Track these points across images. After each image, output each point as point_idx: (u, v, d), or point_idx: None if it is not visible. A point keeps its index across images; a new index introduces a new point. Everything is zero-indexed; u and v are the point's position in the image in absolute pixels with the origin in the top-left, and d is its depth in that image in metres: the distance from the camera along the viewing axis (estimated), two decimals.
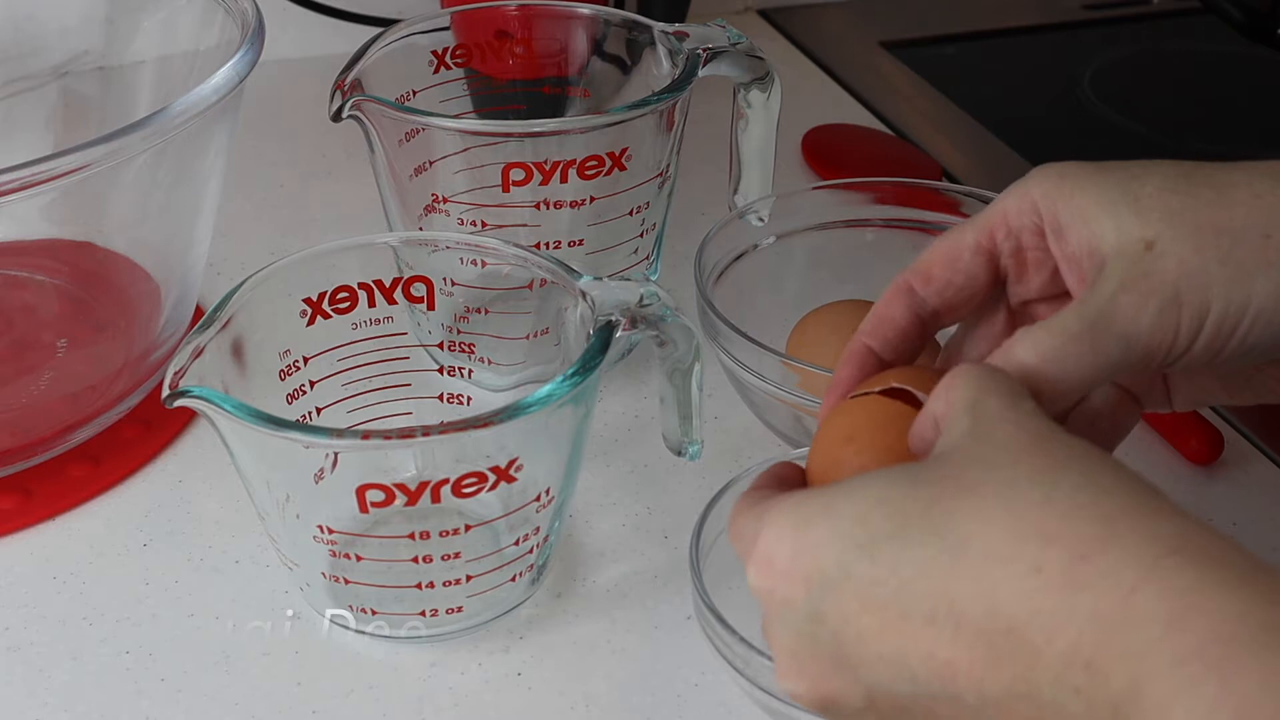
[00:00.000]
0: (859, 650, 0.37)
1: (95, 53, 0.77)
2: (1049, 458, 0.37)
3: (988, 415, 0.39)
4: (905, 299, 0.47)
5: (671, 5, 0.93)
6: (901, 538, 0.36)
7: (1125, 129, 0.96)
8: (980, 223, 0.47)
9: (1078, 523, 0.35)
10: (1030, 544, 0.35)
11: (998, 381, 0.40)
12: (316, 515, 0.53)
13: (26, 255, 0.73)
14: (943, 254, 0.47)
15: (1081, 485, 0.36)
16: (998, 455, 0.37)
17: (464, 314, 0.62)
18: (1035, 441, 0.37)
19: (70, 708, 0.53)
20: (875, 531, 0.37)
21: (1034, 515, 0.35)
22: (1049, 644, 0.34)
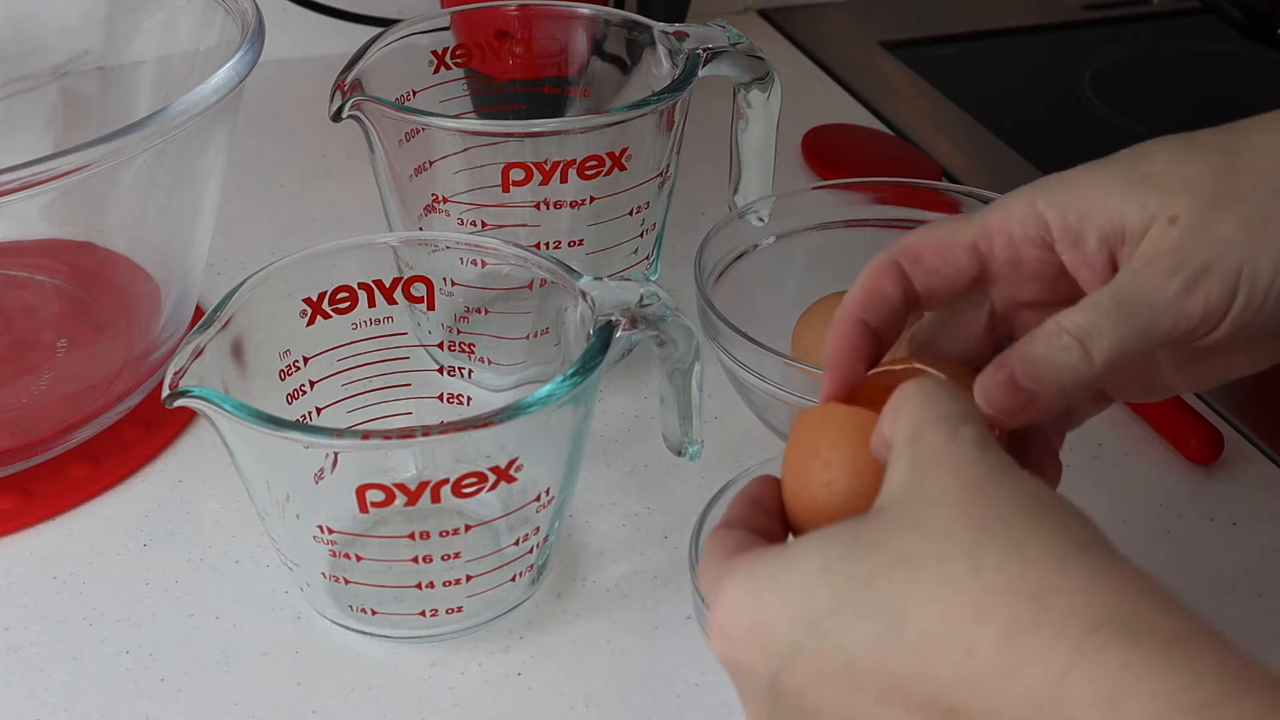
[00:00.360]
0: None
1: (95, 53, 0.77)
2: (978, 522, 0.36)
3: (926, 454, 0.38)
4: (894, 275, 0.46)
5: (671, 5, 0.93)
6: (844, 613, 0.36)
7: (1125, 129, 0.96)
8: (979, 225, 0.46)
9: (1006, 599, 0.34)
10: (963, 624, 0.35)
11: (942, 405, 0.39)
12: (316, 515, 0.53)
13: (26, 255, 0.73)
14: (935, 242, 0.46)
15: (1008, 555, 0.35)
16: (931, 517, 0.37)
17: (464, 314, 0.62)
18: (968, 498, 0.37)
19: (70, 708, 0.53)
20: (820, 606, 0.37)
21: (965, 591, 0.35)
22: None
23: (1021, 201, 0.45)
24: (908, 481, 0.38)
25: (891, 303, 0.46)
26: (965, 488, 0.37)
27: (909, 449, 0.39)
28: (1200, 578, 0.59)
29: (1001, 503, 0.37)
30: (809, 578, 0.37)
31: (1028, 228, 0.45)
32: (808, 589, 0.37)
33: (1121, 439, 0.66)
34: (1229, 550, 0.61)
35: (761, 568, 0.39)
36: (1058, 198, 0.45)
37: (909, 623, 0.35)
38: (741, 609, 0.38)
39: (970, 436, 0.38)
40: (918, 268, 0.46)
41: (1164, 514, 0.63)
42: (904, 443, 0.39)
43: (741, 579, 0.39)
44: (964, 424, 0.39)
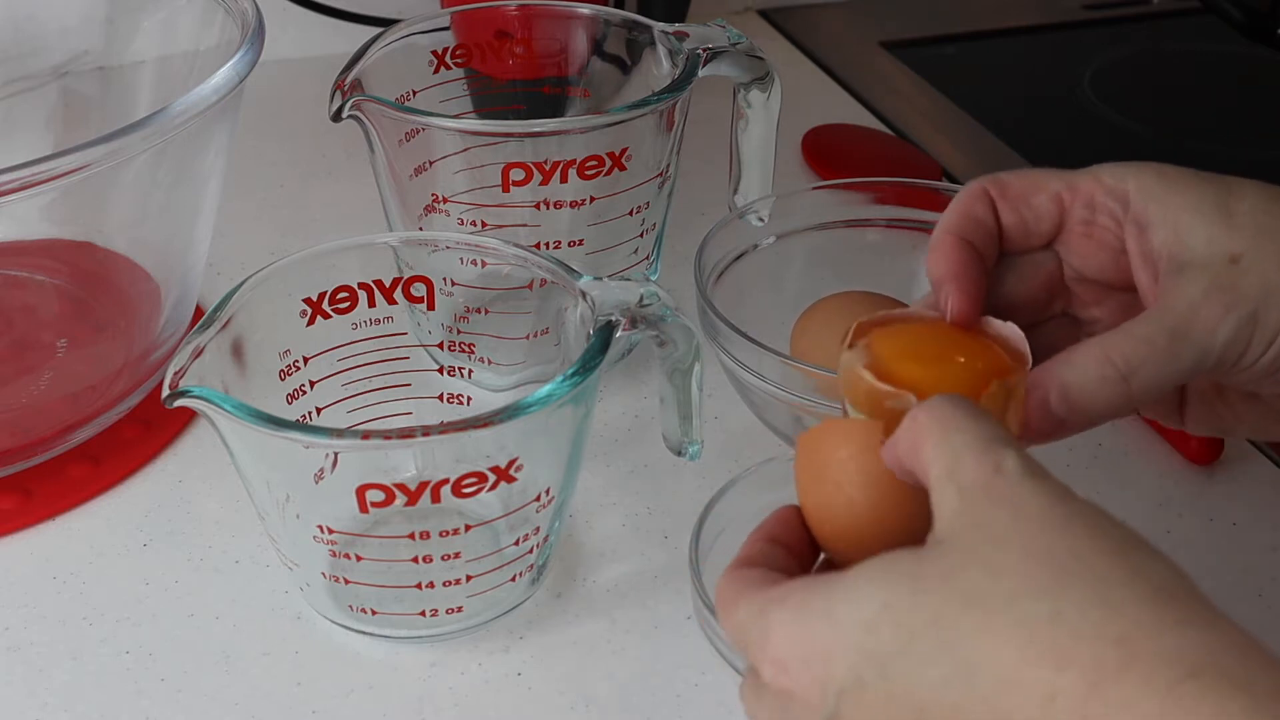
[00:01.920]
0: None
1: (95, 53, 0.77)
2: (1054, 563, 0.35)
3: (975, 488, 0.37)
4: (985, 201, 0.46)
5: (671, 5, 0.93)
6: (912, 655, 0.35)
7: (1125, 129, 0.96)
8: (1068, 180, 0.46)
9: (1091, 644, 0.33)
10: (1043, 669, 0.33)
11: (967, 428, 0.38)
12: (316, 515, 0.53)
13: (26, 255, 0.73)
14: (1023, 182, 0.47)
15: (1090, 598, 0.34)
16: (997, 556, 0.35)
17: (464, 314, 0.62)
18: (1037, 536, 0.35)
19: (70, 708, 0.53)
20: (884, 645, 0.36)
21: (1044, 635, 0.33)
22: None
23: (1115, 175, 0.46)
24: (963, 516, 0.37)
25: (985, 225, 0.46)
26: (1030, 524, 0.36)
27: (950, 482, 0.37)
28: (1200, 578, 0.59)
29: (1075, 541, 0.35)
30: (871, 613, 0.36)
31: (1110, 199, 0.46)
32: (871, 625, 0.36)
33: (1121, 439, 0.66)
34: (1229, 550, 0.61)
35: (817, 600, 0.37)
36: (1149, 185, 0.45)
37: (983, 668, 0.34)
38: (798, 640, 0.37)
39: (1016, 467, 0.37)
40: (1004, 201, 0.46)
41: (1164, 514, 0.63)
42: (943, 475, 0.38)
43: (794, 609, 0.38)
44: (1002, 450, 0.37)
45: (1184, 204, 0.44)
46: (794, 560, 0.42)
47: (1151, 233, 0.45)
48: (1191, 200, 0.44)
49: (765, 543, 0.42)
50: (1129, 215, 0.45)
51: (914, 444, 0.39)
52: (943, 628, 0.35)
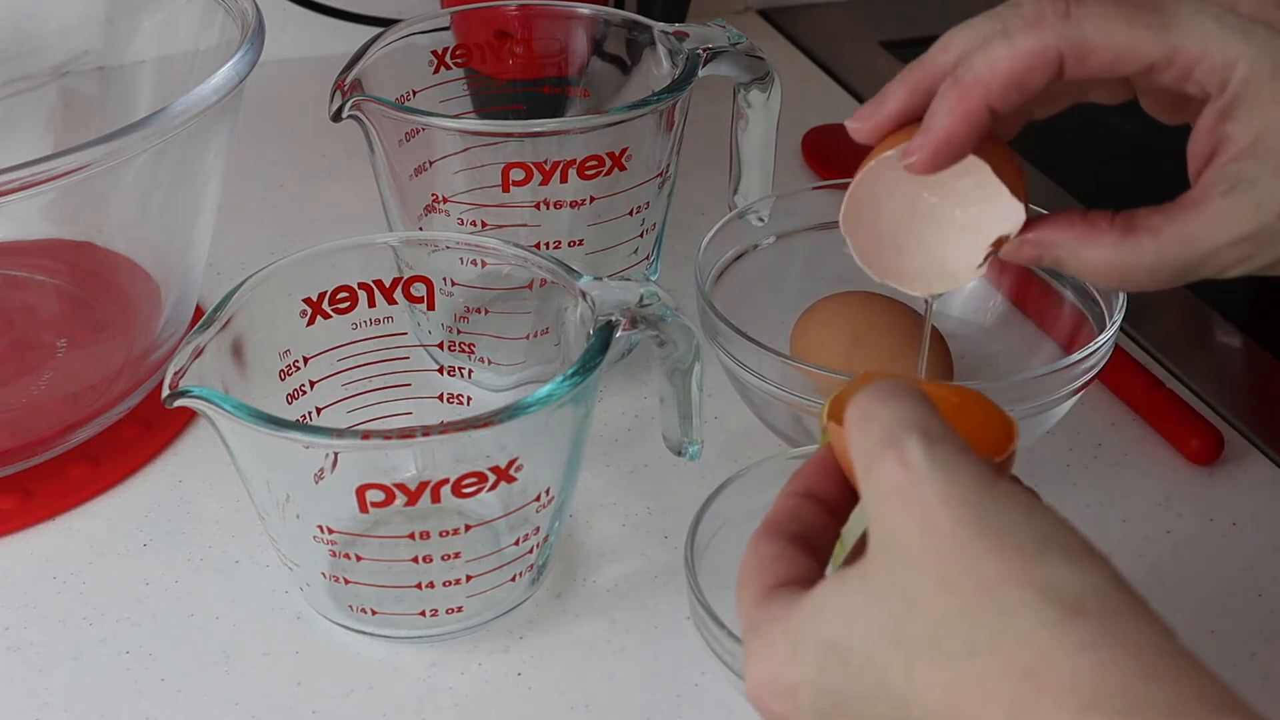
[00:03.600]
0: None
1: (95, 53, 0.77)
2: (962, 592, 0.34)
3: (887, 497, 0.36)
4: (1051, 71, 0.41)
5: (671, 5, 0.93)
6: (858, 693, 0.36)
7: (1125, 129, 0.96)
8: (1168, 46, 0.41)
9: (1004, 681, 0.33)
10: (967, 708, 0.34)
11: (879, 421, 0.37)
12: (316, 515, 0.53)
13: (26, 255, 0.73)
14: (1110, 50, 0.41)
15: (1000, 632, 0.34)
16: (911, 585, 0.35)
17: (464, 314, 0.62)
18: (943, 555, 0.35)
19: (70, 708, 0.53)
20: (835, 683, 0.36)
21: (964, 675, 0.34)
22: None
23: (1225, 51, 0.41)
24: (879, 528, 0.36)
25: (1031, 94, 0.42)
26: (940, 540, 0.35)
27: (867, 485, 0.37)
28: (1200, 578, 0.59)
29: (982, 561, 0.34)
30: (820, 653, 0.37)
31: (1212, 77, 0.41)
32: (822, 664, 0.37)
33: (1121, 439, 0.66)
34: (1229, 550, 0.61)
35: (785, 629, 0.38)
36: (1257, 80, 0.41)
37: (913, 705, 0.35)
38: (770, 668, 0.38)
39: (919, 456, 0.36)
40: (1080, 68, 0.41)
41: (1164, 514, 0.63)
42: (862, 478, 0.37)
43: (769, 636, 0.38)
44: (906, 438, 0.36)
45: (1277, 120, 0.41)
46: (827, 514, 0.42)
47: (1231, 124, 0.42)
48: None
49: (796, 498, 0.42)
50: (1222, 97, 0.42)
51: (843, 448, 0.39)
52: (877, 665, 0.35)
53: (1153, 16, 0.41)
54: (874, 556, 0.36)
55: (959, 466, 0.36)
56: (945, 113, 0.43)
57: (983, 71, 0.42)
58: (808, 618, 0.37)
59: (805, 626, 0.37)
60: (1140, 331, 0.73)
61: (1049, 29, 0.42)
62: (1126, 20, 0.41)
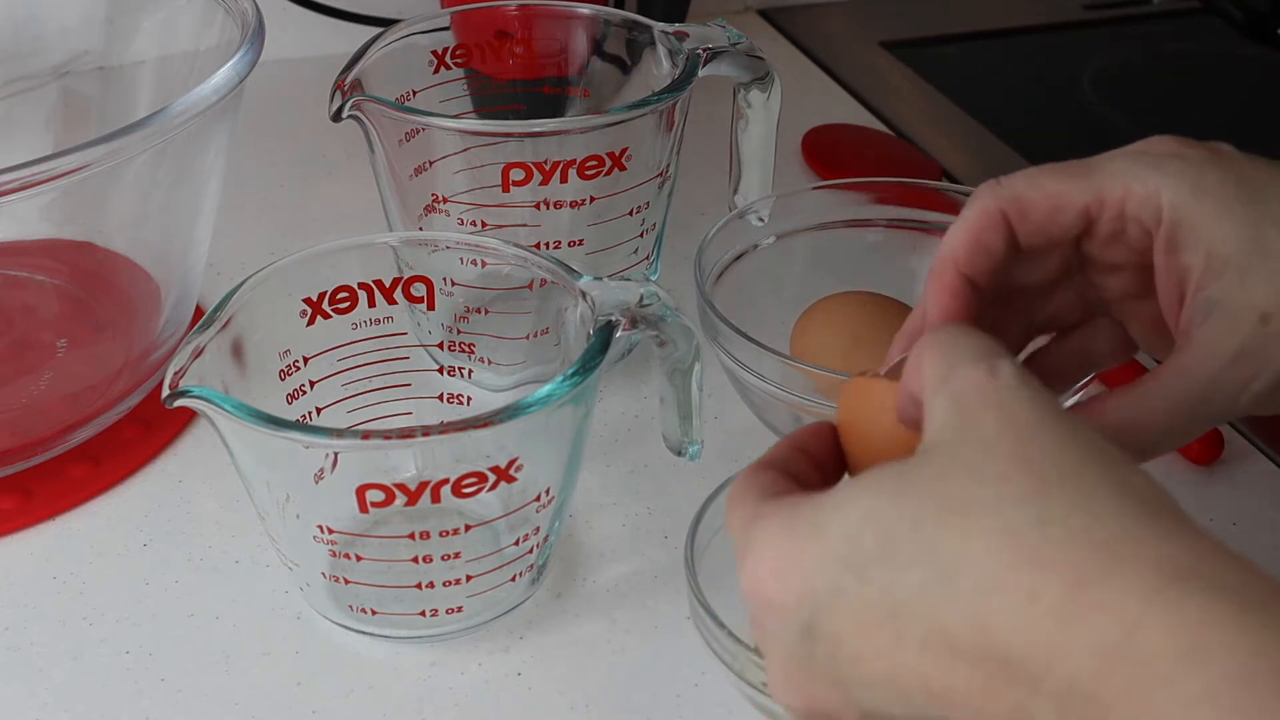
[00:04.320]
0: (854, 671, 0.36)
1: (95, 53, 0.77)
2: (1039, 470, 0.34)
3: (965, 393, 0.36)
4: (1000, 228, 0.44)
5: (671, 5, 0.93)
6: (891, 559, 0.35)
7: (1125, 129, 0.96)
8: (1095, 189, 0.44)
9: (1075, 549, 0.33)
10: (1024, 572, 0.33)
11: (968, 344, 0.38)
12: (316, 515, 0.53)
13: (26, 255, 0.73)
14: (1046, 200, 0.44)
15: (1076, 505, 0.33)
16: (984, 461, 0.35)
17: (464, 314, 0.62)
18: (1024, 442, 0.35)
19: (70, 708, 0.53)
20: (865, 552, 0.35)
21: (1028, 540, 0.33)
22: (1047, 674, 0.32)
23: (1146, 184, 0.44)
24: (951, 422, 0.36)
25: (994, 256, 0.44)
26: (1019, 431, 0.35)
27: (943, 390, 0.37)
28: None
29: (1063, 452, 0.35)
30: (853, 523, 0.36)
31: (1143, 211, 0.44)
32: (852, 534, 0.36)
33: None
34: None
35: (804, 512, 0.37)
36: (1183, 204, 0.43)
37: (963, 570, 0.34)
38: (779, 551, 0.37)
39: (1010, 374, 0.36)
40: (1025, 224, 0.44)
41: None
42: (936, 385, 0.37)
43: (781, 522, 0.37)
44: (999, 360, 0.37)
45: (1219, 232, 0.42)
46: (816, 471, 0.42)
47: (1181, 255, 0.43)
48: (1228, 229, 0.42)
49: (791, 449, 0.42)
50: (1161, 230, 0.43)
51: (917, 366, 0.38)
52: (924, 532, 0.35)
53: (1076, 169, 0.45)
54: (935, 444, 0.36)
55: (1043, 390, 0.36)
56: (932, 297, 0.45)
57: (945, 249, 0.45)
58: (835, 503, 0.37)
59: (832, 509, 0.36)
60: None
61: (987, 195, 0.45)
62: (1053, 174, 0.45)
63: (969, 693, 0.34)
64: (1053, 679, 0.32)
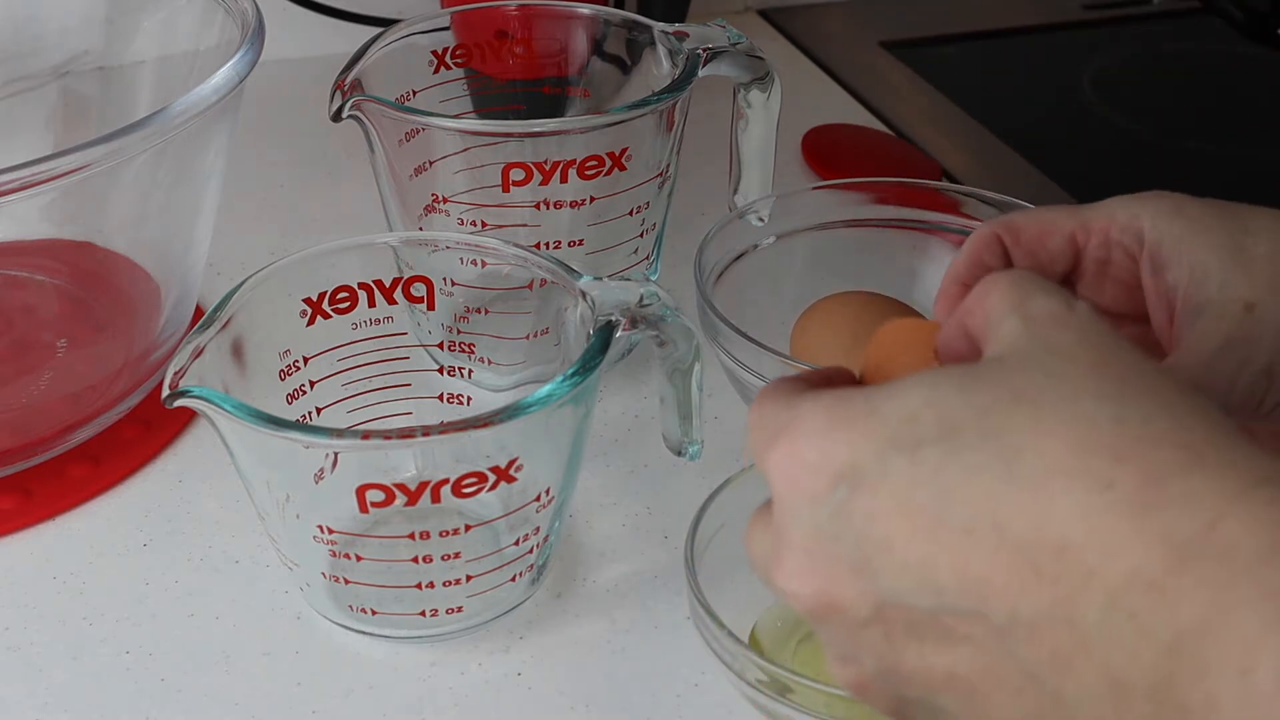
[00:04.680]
0: (882, 555, 0.34)
1: (95, 53, 0.77)
2: (1120, 376, 0.33)
3: (1041, 316, 0.35)
4: (996, 248, 0.46)
5: (671, 5, 0.93)
6: (948, 441, 0.33)
7: (1125, 129, 0.96)
8: (1081, 217, 0.46)
9: (1154, 447, 0.31)
10: (1098, 459, 0.31)
11: (1043, 283, 0.37)
12: (316, 515, 0.53)
13: (26, 255, 0.73)
14: (1036, 225, 0.47)
15: (1158, 411, 0.32)
16: (1061, 364, 0.34)
17: (464, 314, 0.62)
18: (1104, 357, 0.34)
19: (70, 708, 0.53)
20: (922, 433, 0.33)
21: (1104, 433, 0.32)
22: (1106, 564, 0.31)
23: (1128, 211, 0.46)
24: (1024, 336, 0.35)
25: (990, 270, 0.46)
26: (1098, 349, 0.34)
27: (1016, 314, 0.36)
28: None
29: (1143, 370, 0.34)
30: (912, 406, 0.34)
31: (1125, 236, 0.46)
32: (910, 416, 0.34)
33: None
34: None
35: (855, 397, 0.35)
36: (1164, 223, 0.45)
37: (1027, 455, 0.32)
38: (824, 430, 0.35)
39: (1087, 309, 0.35)
40: (1017, 247, 0.46)
41: None
42: (1008, 310, 0.36)
43: (828, 403, 0.35)
44: (1074, 299, 0.36)
45: (1199, 244, 0.44)
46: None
47: (1166, 272, 0.45)
48: (1207, 241, 0.44)
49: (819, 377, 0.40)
50: (1144, 253, 0.45)
51: (981, 296, 0.37)
52: (989, 421, 0.33)
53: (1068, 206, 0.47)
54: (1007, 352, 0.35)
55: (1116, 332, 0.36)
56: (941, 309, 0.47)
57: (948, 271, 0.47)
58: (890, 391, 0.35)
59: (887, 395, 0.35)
60: None
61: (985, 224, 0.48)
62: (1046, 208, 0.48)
63: (1008, 583, 0.32)
64: (1111, 569, 0.31)
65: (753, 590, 0.55)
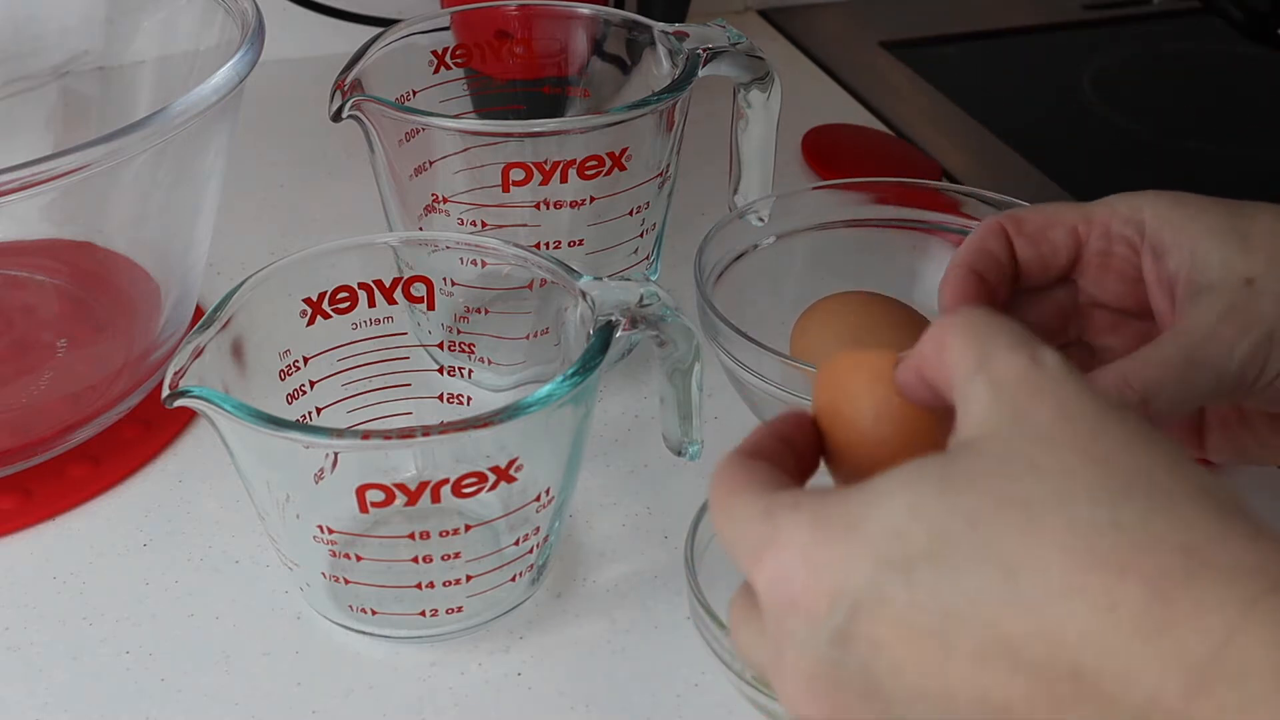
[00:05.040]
0: (893, 684, 0.33)
1: (95, 53, 0.77)
2: (1110, 467, 0.32)
3: (1010, 382, 0.34)
4: (1001, 239, 0.48)
5: (671, 5, 0.93)
6: (943, 560, 0.32)
7: (1125, 129, 0.96)
8: (1083, 211, 0.48)
9: (1155, 553, 0.30)
10: (1100, 576, 0.30)
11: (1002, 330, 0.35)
12: (316, 515, 0.53)
13: (26, 255, 0.73)
14: (1040, 218, 0.48)
15: (1154, 508, 0.31)
16: (1043, 455, 0.32)
17: (464, 314, 0.62)
18: (1084, 436, 0.32)
19: (70, 708, 0.53)
20: (912, 550, 0.32)
21: (1101, 542, 0.30)
22: (1124, 692, 0.30)
23: (1129, 204, 0.47)
24: (996, 413, 0.34)
25: (1000, 262, 0.48)
26: (1078, 425, 0.33)
27: (979, 377, 0.34)
28: None
29: (1129, 448, 0.32)
30: (897, 519, 0.33)
31: (1127, 228, 0.47)
32: (895, 530, 0.32)
33: None
34: None
35: (834, 507, 0.34)
36: (1164, 212, 0.47)
37: (1027, 573, 0.31)
38: (809, 547, 0.34)
39: (1056, 363, 0.34)
40: (1020, 237, 0.48)
41: None
42: (970, 371, 0.35)
43: (809, 515, 0.34)
44: (1039, 347, 0.34)
45: (1199, 229, 0.46)
46: (799, 466, 0.39)
47: (1168, 258, 0.46)
48: (1206, 225, 0.46)
49: (776, 440, 0.39)
50: (1145, 242, 0.47)
51: (938, 346, 0.36)
52: (980, 530, 0.32)
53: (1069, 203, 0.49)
54: (981, 437, 0.33)
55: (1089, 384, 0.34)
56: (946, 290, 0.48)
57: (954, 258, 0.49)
58: (868, 498, 0.34)
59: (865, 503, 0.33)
60: None
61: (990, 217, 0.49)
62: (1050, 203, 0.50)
63: (1031, 709, 0.31)
64: (1131, 696, 0.30)
65: None
